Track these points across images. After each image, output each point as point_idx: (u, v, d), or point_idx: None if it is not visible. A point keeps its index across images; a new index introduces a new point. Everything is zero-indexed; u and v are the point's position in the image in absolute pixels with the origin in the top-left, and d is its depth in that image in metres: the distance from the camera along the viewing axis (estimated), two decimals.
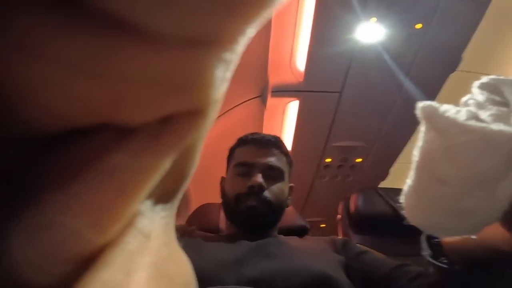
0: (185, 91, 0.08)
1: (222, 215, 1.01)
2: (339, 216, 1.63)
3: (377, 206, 1.42)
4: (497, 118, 0.26)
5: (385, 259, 0.60)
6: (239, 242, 0.63)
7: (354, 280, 0.56)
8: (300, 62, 1.48)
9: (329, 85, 1.58)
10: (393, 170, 2.32)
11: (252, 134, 0.78)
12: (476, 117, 0.26)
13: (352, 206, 1.53)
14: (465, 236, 0.32)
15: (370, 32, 1.24)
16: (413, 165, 0.30)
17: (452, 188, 0.26)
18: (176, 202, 0.11)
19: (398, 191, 0.40)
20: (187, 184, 0.11)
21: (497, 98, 0.28)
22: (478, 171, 0.26)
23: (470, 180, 0.26)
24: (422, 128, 0.28)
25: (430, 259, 0.40)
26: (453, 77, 1.62)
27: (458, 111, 0.27)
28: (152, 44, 0.07)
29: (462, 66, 1.55)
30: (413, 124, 1.96)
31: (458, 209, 0.27)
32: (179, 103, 0.08)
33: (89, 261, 0.08)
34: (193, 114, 0.09)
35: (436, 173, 0.27)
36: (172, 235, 0.11)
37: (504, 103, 0.27)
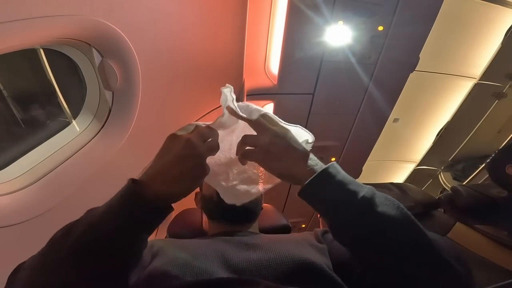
0: None
1: (205, 218, 1.00)
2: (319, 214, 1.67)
3: None
4: None
5: None
6: (222, 238, 0.64)
7: (334, 265, 0.57)
8: (274, 65, 1.52)
9: (302, 87, 1.64)
10: (365, 167, 2.45)
11: None
12: None
13: None
14: None
15: (338, 35, 1.32)
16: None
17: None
18: None
19: (373, 186, 0.47)
20: None
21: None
22: None
23: None
24: None
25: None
26: (412, 77, 1.76)
27: None
28: None
29: (419, 66, 1.68)
30: (379, 123, 2.10)
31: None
32: None
33: None
34: None
35: None
36: None
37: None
